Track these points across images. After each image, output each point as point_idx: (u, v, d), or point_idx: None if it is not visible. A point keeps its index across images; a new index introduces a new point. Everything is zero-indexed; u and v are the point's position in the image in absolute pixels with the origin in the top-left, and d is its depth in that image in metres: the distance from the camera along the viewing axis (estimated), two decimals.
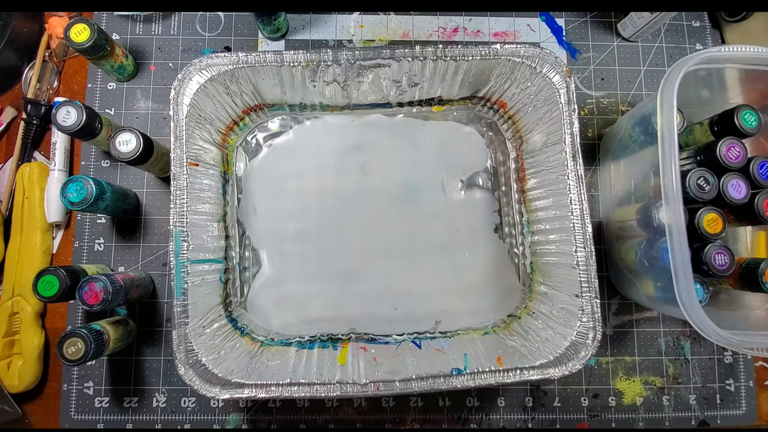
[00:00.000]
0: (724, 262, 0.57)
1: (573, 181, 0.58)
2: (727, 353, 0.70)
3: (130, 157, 0.59)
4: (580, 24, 0.76)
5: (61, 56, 0.72)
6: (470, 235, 0.69)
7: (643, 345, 0.69)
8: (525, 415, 0.68)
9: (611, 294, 0.70)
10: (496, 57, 0.59)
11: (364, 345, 0.63)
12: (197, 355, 0.54)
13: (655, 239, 0.57)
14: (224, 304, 0.63)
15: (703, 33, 0.76)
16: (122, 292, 0.58)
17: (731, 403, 0.69)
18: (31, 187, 0.67)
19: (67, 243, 0.69)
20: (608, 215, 0.70)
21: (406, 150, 0.70)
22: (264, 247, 0.67)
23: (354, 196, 0.69)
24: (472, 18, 0.75)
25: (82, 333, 0.55)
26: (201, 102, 0.59)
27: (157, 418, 0.66)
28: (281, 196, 0.68)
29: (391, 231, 0.68)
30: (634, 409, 0.68)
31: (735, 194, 0.57)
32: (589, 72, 0.75)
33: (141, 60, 0.72)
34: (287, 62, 0.58)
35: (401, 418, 0.67)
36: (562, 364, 0.55)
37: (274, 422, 0.67)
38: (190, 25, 0.73)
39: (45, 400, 0.67)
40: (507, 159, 0.70)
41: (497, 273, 0.68)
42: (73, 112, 0.59)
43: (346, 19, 0.75)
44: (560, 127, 0.59)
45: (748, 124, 0.59)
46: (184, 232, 0.56)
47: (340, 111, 0.69)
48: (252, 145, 0.69)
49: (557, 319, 0.59)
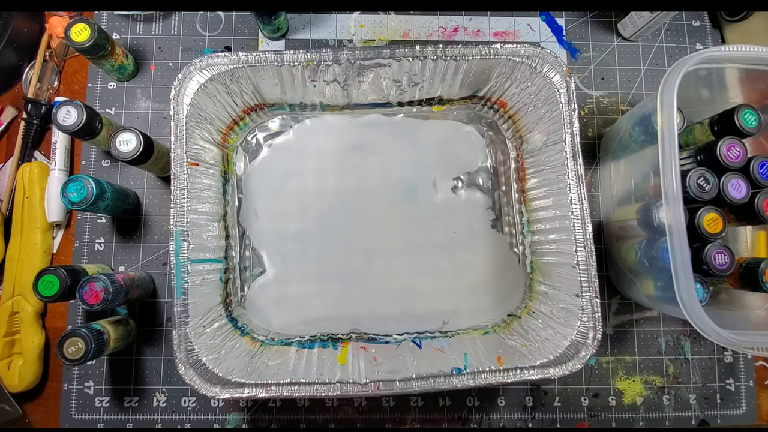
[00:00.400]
0: (724, 261, 0.57)
1: (573, 181, 0.58)
2: (727, 353, 0.70)
3: (131, 157, 0.59)
4: (581, 24, 0.76)
5: (62, 56, 0.72)
6: (470, 234, 0.69)
7: (643, 345, 0.69)
8: (525, 415, 0.68)
9: (611, 294, 0.70)
10: (496, 57, 0.60)
11: (364, 345, 0.63)
12: (197, 355, 0.54)
13: (656, 239, 0.57)
14: (224, 303, 0.63)
15: (703, 33, 0.76)
16: (122, 291, 0.58)
17: (731, 402, 0.69)
18: (31, 186, 0.67)
19: (68, 242, 0.69)
20: (608, 215, 0.70)
21: (406, 150, 0.70)
22: (264, 247, 0.67)
23: (354, 196, 0.69)
24: (472, 18, 0.75)
25: (83, 333, 0.55)
26: (201, 102, 0.59)
27: (157, 417, 0.66)
28: (281, 196, 0.68)
29: (391, 230, 0.68)
30: (635, 409, 0.68)
31: (735, 194, 0.57)
32: (589, 72, 0.75)
33: (141, 60, 0.72)
34: (287, 62, 0.58)
35: (401, 417, 0.67)
36: (563, 363, 0.55)
37: (275, 422, 0.67)
38: (191, 25, 0.73)
39: (45, 399, 0.67)
40: (507, 159, 0.70)
41: (499, 271, 0.68)
42: (73, 112, 0.59)
43: (346, 19, 0.75)
44: (560, 126, 0.59)
45: (748, 124, 0.59)
46: (185, 231, 0.56)
47: (341, 111, 0.69)
48: (252, 145, 0.69)
49: (557, 319, 0.59)
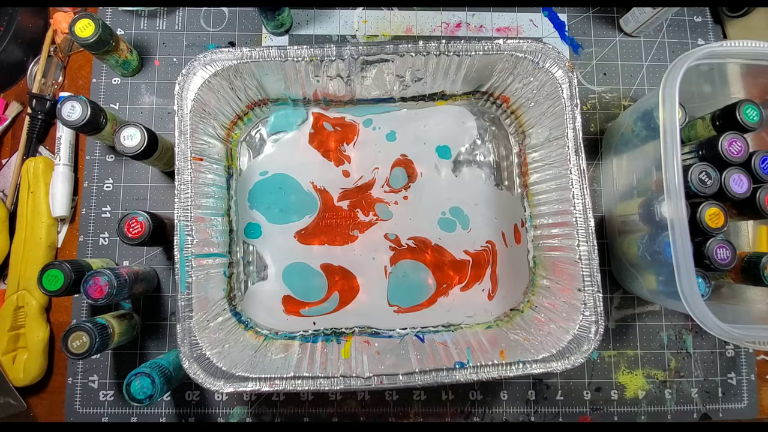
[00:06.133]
0: (726, 256, 0.57)
1: (575, 176, 0.58)
2: (728, 347, 0.70)
3: (135, 152, 0.59)
4: (583, 19, 0.76)
5: (66, 51, 0.72)
6: (474, 222, 0.69)
7: (645, 339, 0.70)
8: (528, 409, 0.68)
9: (613, 288, 0.71)
10: (498, 52, 0.60)
11: (367, 339, 0.64)
12: (201, 349, 0.55)
13: (657, 233, 0.57)
14: (228, 298, 0.63)
15: (705, 28, 0.76)
16: (127, 286, 0.59)
17: (733, 396, 0.69)
18: (36, 181, 0.67)
19: (72, 237, 0.69)
20: (611, 210, 0.70)
21: (406, 140, 0.70)
22: (267, 242, 0.68)
23: (357, 190, 0.69)
24: (475, 13, 0.75)
25: (87, 327, 0.56)
26: (205, 97, 0.59)
27: (161, 411, 0.67)
28: (284, 191, 0.68)
29: (395, 223, 0.69)
30: (637, 403, 0.69)
31: (737, 189, 0.58)
32: (591, 67, 0.75)
33: (145, 55, 0.72)
34: (291, 57, 0.59)
35: (404, 411, 0.68)
36: (565, 357, 0.55)
37: (278, 415, 0.67)
38: (195, 21, 0.74)
39: (50, 393, 0.67)
40: (510, 154, 0.70)
41: (503, 262, 0.68)
42: (77, 107, 0.59)
43: (349, 15, 0.75)
44: (563, 122, 0.59)
45: (750, 119, 0.59)
46: (189, 226, 0.56)
47: (344, 106, 0.70)
48: (256, 140, 0.69)
49: (560, 313, 0.59)
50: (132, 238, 0.58)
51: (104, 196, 0.69)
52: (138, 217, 0.59)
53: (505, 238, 0.68)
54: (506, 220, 0.69)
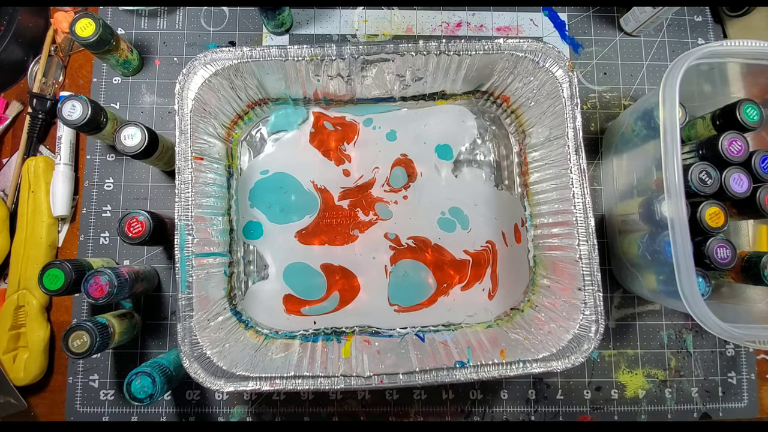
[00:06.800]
0: (726, 255, 0.57)
1: (576, 175, 0.58)
2: (729, 346, 0.70)
3: (135, 151, 0.59)
4: (583, 19, 0.76)
5: (67, 51, 0.72)
6: (474, 223, 0.69)
7: (645, 338, 0.70)
8: (528, 408, 0.68)
9: (614, 287, 0.71)
10: (499, 51, 0.60)
11: (367, 338, 0.64)
12: (202, 348, 0.55)
13: (658, 233, 0.57)
14: (229, 297, 0.63)
15: (705, 28, 0.76)
16: (127, 285, 0.59)
17: (733, 395, 0.69)
18: (36, 181, 0.67)
19: (73, 236, 0.69)
20: (611, 209, 0.70)
21: (407, 140, 0.70)
22: (267, 242, 0.68)
23: (357, 190, 0.69)
24: (475, 13, 0.75)
25: (88, 326, 0.56)
26: (205, 96, 0.59)
27: (161, 410, 0.67)
28: (285, 190, 0.68)
29: (395, 223, 0.69)
30: (637, 402, 0.69)
31: (737, 188, 0.58)
32: (591, 66, 0.75)
33: (146, 54, 0.72)
34: (291, 57, 0.59)
35: (405, 410, 0.68)
36: (565, 357, 0.55)
37: (279, 415, 0.67)
38: (195, 20, 0.74)
39: (50, 392, 0.67)
40: (510, 153, 0.70)
41: (504, 262, 0.68)
42: (78, 107, 0.59)
43: (349, 14, 0.75)
44: (563, 121, 0.59)
45: (750, 119, 0.59)
46: (189, 225, 0.56)
47: (344, 105, 0.70)
48: (256, 140, 0.69)
49: (560, 312, 0.59)
50: (132, 238, 0.58)
51: (105, 196, 0.69)
52: (138, 217, 0.59)
53: (506, 238, 0.69)
54: (506, 219, 0.69)
